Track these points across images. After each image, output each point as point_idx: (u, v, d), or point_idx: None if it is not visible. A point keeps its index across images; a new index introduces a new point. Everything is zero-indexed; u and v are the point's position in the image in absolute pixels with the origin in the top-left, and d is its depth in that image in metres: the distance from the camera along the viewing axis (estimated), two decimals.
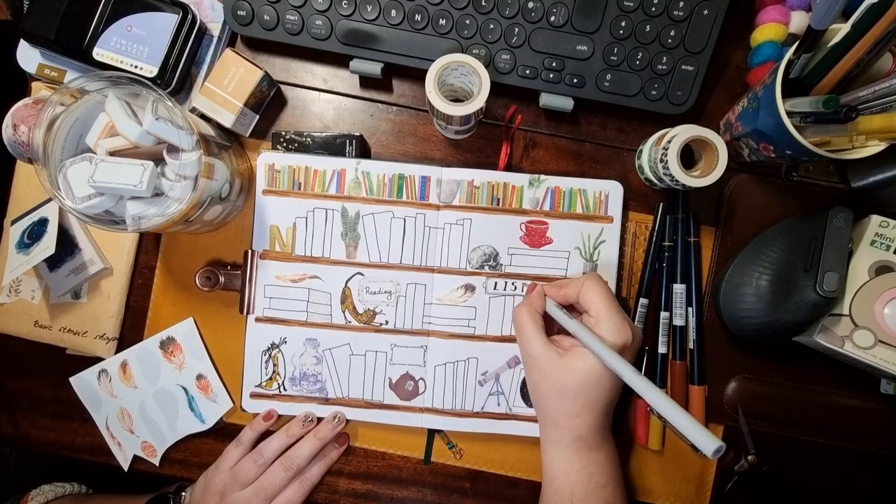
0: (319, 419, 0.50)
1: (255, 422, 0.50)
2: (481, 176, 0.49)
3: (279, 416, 0.50)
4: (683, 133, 0.43)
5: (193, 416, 0.51)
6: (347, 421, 0.50)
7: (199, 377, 0.51)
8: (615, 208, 0.49)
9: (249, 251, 0.49)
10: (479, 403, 0.49)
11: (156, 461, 0.52)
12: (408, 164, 0.49)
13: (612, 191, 0.49)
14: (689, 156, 0.48)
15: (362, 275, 0.49)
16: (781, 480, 0.51)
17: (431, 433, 0.51)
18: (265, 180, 0.49)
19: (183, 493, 0.51)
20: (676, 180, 0.43)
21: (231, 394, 0.51)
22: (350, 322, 0.50)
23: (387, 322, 0.49)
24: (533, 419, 0.49)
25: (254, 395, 0.50)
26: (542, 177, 0.49)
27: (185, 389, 0.51)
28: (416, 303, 0.49)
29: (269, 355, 0.50)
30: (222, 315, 0.51)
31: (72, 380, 0.52)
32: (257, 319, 0.50)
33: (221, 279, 0.49)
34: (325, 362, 0.50)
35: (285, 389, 0.50)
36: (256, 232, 0.49)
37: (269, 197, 0.49)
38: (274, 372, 0.50)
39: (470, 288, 0.49)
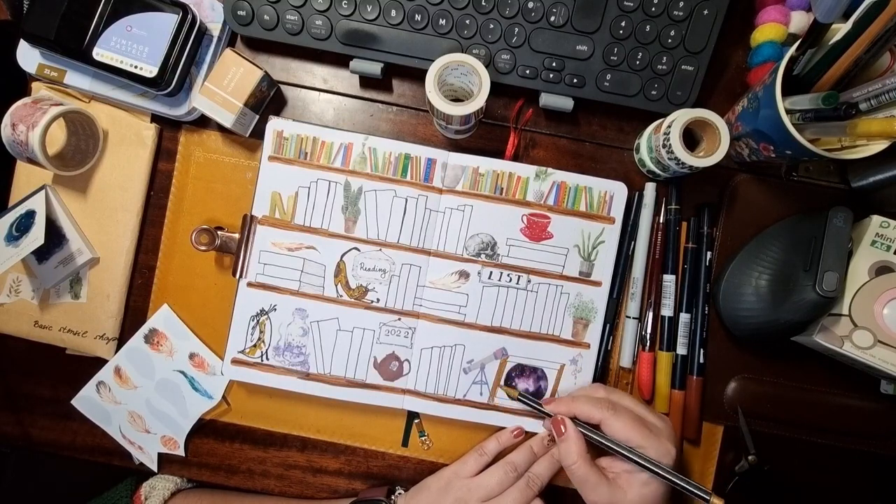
0: (552, 441, 0.48)
1: (504, 435, 0.49)
2: (487, 164, 0.49)
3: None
4: (683, 116, 0.43)
5: (199, 395, 0.51)
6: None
7: (192, 356, 0.51)
8: (618, 210, 0.49)
9: (248, 215, 0.49)
10: (461, 391, 0.49)
11: (181, 452, 0.52)
12: (415, 145, 0.49)
13: (617, 192, 0.49)
14: (690, 142, 0.48)
15: (358, 250, 0.49)
16: (782, 481, 0.51)
17: (411, 416, 0.52)
18: (272, 146, 0.49)
19: (394, 496, 0.50)
20: (682, 163, 0.43)
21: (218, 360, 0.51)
22: (341, 296, 0.49)
23: (378, 300, 0.49)
24: (512, 411, 0.49)
25: (235, 362, 0.49)
26: (549, 170, 0.49)
27: (182, 373, 0.51)
28: (409, 284, 0.49)
29: (257, 321, 0.49)
30: (212, 279, 0.51)
31: (74, 402, 0.52)
32: (249, 284, 0.49)
33: (218, 240, 0.48)
34: (312, 334, 0.49)
35: (268, 359, 0.49)
36: (258, 197, 0.49)
37: (274, 164, 0.49)
38: (259, 339, 0.49)
39: (464, 274, 0.49)
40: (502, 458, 0.48)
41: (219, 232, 0.49)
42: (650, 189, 0.50)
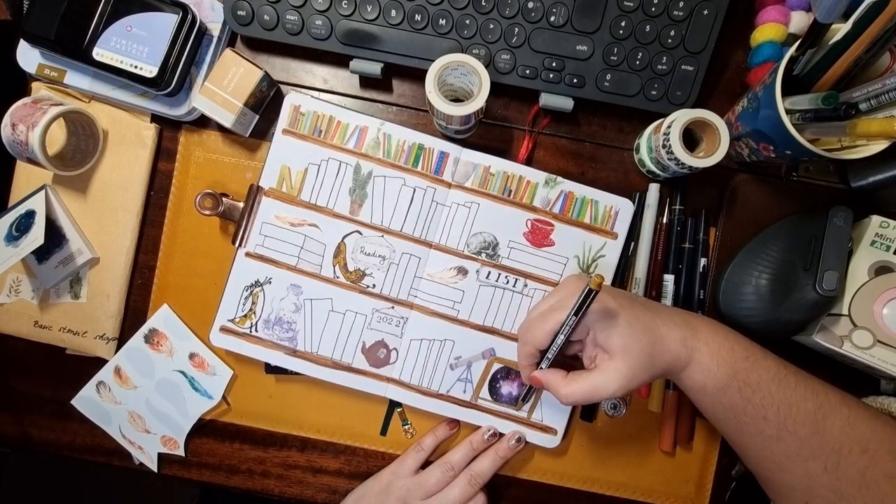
0: (493, 436, 0.50)
1: (440, 429, 0.50)
2: (499, 164, 0.49)
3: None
4: (683, 116, 0.43)
5: (199, 395, 0.51)
6: (526, 442, 0.50)
7: (192, 356, 0.51)
8: (622, 226, 0.49)
9: (255, 186, 0.49)
10: (445, 386, 0.50)
11: (181, 452, 0.52)
12: (429, 137, 0.49)
13: (623, 208, 0.49)
14: (690, 142, 0.48)
15: (361, 234, 0.49)
16: None
17: (392, 405, 0.52)
18: (287, 120, 0.49)
19: None
20: (682, 163, 0.43)
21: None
22: (338, 277, 0.49)
23: (374, 286, 0.49)
24: (493, 413, 0.50)
25: (223, 330, 0.49)
26: (559, 179, 0.49)
27: (182, 373, 0.51)
28: (406, 273, 0.49)
29: (251, 292, 0.49)
30: (212, 279, 0.51)
31: (74, 402, 0.52)
32: (247, 254, 0.49)
33: (222, 206, 0.48)
34: (304, 312, 0.49)
35: (256, 331, 0.49)
36: (267, 168, 0.49)
37: (288, 137, 0.49)
38: (251, 310, 0.49)
39: (462, 271, 0.49)
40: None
41: (223, 198, 0.49)
42: (653, 190, 0.50)
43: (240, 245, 0.49)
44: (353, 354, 0.50)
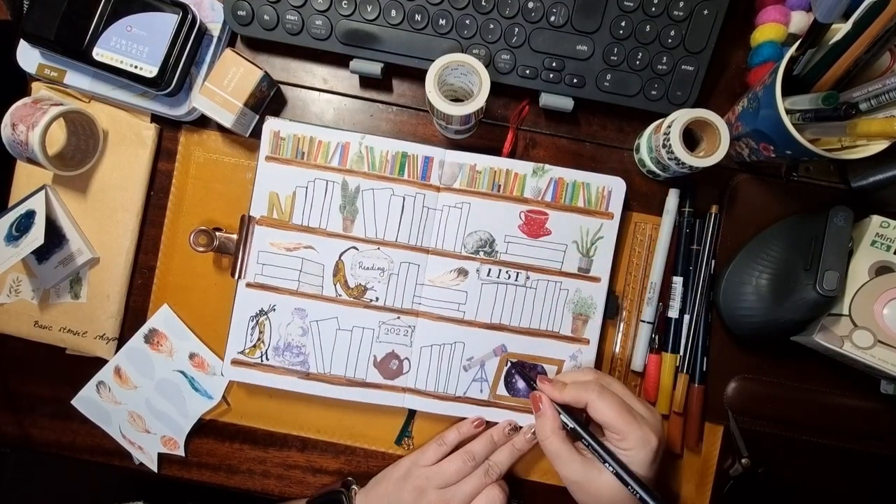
0: (512, 430, 0.49)
1: (465, 425, 0.50)
2: (484, 161, 0.49)
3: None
4: (683, 116, 0.43)
5: (199, 395, 0.51)
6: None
7: (192, 356, 0.51)
8: (616, 205, 0.49)
9: (246, 216, 0.49)
10: (461, 388, 0.50)
11: (181, 452, 0.52)
12: (411, 143, 0.49)
13: (615, 187, 0.49)
14: (690, 142, 0.48)
15: (357, 249, 0.49)
16: (780, 483, 0.51)
17: (411, 415, 0.52)
18: (269, 147, 0.49)
19: (353, 488, 0.50)
20: (682, 163, 0.43)
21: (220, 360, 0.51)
22: (340, 295, 0.49)
23: (377, 299, 0.49)
24: (512, 408, 0.50)
25: (235, 363, 0.49)
26: (546, 167, 0.49)
27: (182, 373, 0.51)
28: (407, 282, 0.49)
29: (257, 322, 0.49)
30: (212, 279, 0.52)
31: (74, 402, 0.52)
32: (248, 285, 0.49)
33: (216, 241, 0.49)
34: (311, 334, 0.49)
35: (267, 359, 0.49)
36: (255, 197, 0.49)
37: (271, 164, 0.49)
38: (259, 339, 0.49)
39: (463, 272, 0.49)
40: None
41: (217, 233, 0.49)
42: (673, 195, 0.50)
43: (239, 277, 0.49)
44: (366, 369, 0.50)
